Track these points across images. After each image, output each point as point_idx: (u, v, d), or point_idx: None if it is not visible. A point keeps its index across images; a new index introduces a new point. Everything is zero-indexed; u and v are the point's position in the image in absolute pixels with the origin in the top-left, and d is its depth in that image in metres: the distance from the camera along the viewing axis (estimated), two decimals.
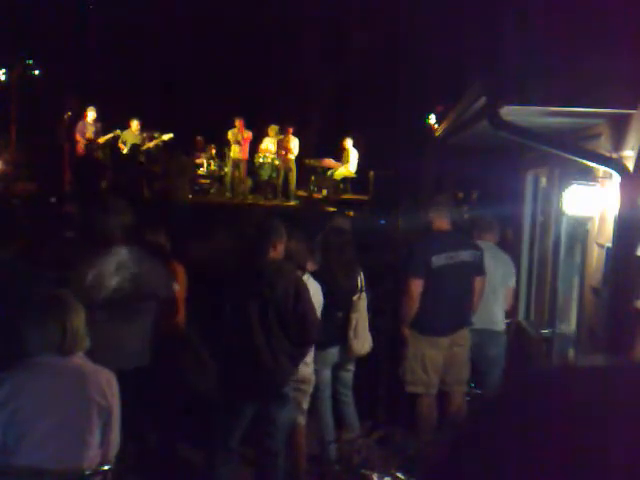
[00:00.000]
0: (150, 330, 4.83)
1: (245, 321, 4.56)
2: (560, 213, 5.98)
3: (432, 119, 14.52)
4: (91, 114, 14.22)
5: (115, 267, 4.61)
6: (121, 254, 4.67)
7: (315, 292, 5.20)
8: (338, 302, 5.49)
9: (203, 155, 15.48)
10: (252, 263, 4.65)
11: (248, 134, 15.21)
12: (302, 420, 5.30)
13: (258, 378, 4.60)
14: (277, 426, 4.79)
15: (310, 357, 5.23)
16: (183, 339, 5.18)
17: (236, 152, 15.15)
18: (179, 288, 5.15)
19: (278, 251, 4.69)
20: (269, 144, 15.39)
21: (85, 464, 3.36)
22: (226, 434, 4.71)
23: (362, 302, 5.64)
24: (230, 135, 15.15)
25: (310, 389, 5.31)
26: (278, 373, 4.68)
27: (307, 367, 5.21)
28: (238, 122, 15.04)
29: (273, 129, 15.41)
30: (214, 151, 15.59)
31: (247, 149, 15.27)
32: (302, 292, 4.69)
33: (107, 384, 3.45)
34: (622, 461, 0.67)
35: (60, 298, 3.54)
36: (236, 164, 15.29)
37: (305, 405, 5.30)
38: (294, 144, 15.32)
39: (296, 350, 4.76)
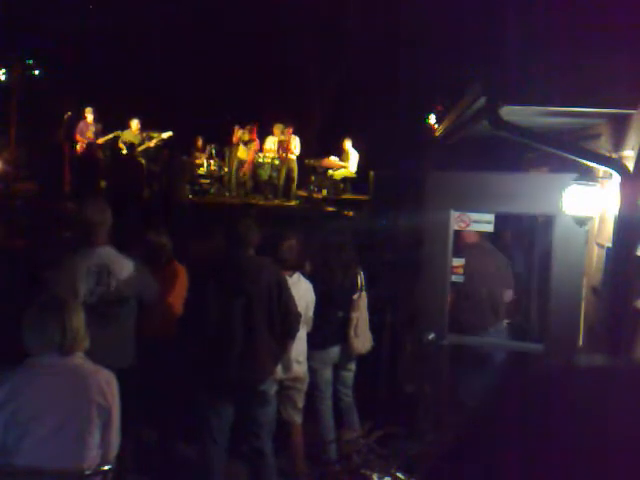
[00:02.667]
0: (131, 333, 4.72)
1: (227, 319, 4.55)
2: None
3: (432, 119, 14.51)
4: (90, 115, 14.22)
5: (95, 268, 4.47)
6: (102, 254, 4.54)
7: (306, 291, 5.20)
8: (338, 301, 5.50)
9: (203, 155, 15.46)
10: (232, 261, 4.66)
11: (256, 143, 15.19)
12: (298, 419, 5.30)
13: (237, 377, 4.59)
14: (260, 424, 4.77)
15: (303, 356, 5.23)
16: (175, 339, 5.09)
17: (243, 152, 15.10)
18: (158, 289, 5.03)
19: (254, 248, 4.72)
20: (273, 143, 15.35)
21: (85, 464, 3.36)
22: (213, 432, 4.70)
23: (362, 301, 5.65)
24: (240, 133, 15.03)
25: (305, 387, 5.31)
26: (258, 372, 4.67)
27: (300, 366, 5.20)
28: (251, 127, 15.01)
29: (278, 127, 15.29)
30: (214, 151, 15.57)
31: (253, 154, 15.24)
32: (284, 285, 4.73)
33: (107, 384, 3.45)
34: (622, 460, 0.67)
35: (60, 298, 3.54)
36: (242, 164, 15.25)
37: (300, 404, 5.30)
38: (295, 143, 15.27)
39: (278, 346, 4.75)
